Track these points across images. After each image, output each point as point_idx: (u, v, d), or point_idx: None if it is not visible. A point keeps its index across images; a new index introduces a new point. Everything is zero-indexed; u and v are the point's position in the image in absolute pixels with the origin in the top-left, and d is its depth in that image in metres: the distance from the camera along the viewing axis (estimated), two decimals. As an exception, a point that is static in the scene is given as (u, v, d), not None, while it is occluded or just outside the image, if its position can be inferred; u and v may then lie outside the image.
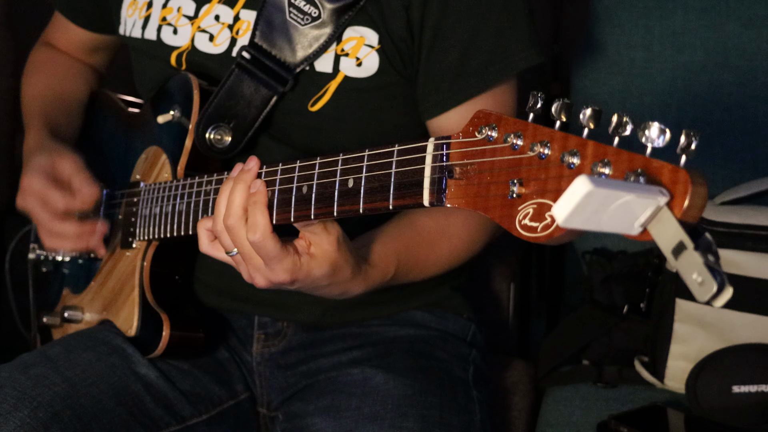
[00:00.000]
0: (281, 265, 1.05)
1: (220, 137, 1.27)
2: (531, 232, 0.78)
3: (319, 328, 1.42)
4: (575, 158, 0.75)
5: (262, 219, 1.03)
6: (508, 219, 0.80)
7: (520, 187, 0.80)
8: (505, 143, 0.82)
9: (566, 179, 0.76)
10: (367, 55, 1.25)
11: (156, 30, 1.35)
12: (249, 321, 1.42)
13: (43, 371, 1.26)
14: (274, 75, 1.26)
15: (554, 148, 0.78)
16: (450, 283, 1.49)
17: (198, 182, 1.21)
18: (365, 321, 1.42)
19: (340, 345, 1.40)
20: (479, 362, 1.46)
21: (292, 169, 1.04)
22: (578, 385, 1.60)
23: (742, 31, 1.70)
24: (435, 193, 0.88)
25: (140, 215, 1.33)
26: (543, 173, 0.78)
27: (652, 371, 1.56)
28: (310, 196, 1.01)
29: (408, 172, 0.91)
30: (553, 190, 0.77)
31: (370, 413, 1.26)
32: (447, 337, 1.44)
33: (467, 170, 0.85)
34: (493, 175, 0.83)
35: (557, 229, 0.76)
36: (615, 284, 1.63)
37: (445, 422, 1.27)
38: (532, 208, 0.78)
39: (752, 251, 1.47)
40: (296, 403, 1.34)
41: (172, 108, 1.32)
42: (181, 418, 1.32)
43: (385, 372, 1.32)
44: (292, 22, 1.25)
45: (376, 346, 1.39)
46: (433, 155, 0.89)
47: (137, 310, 1.32)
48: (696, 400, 1.45)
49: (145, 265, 1.32)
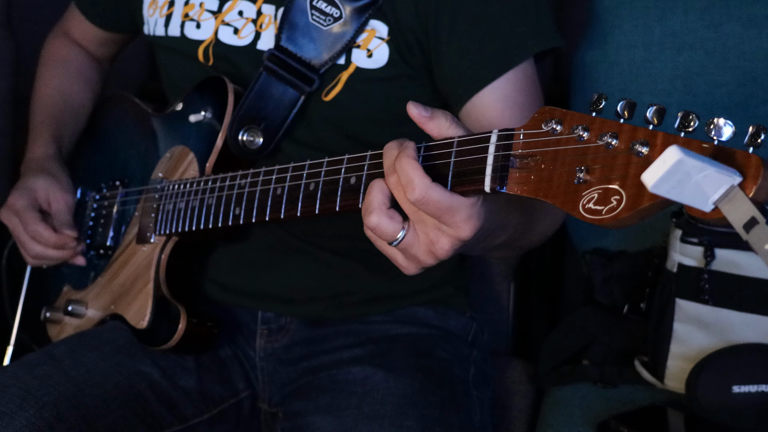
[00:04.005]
0: (459, 214, 0.93)
1: (252, 139, 1.30)
2: (595, 215, 0.82)
3: (322, 324, 1.42)
4: (644, 147, 0.80)
5: (415, 172, 0.92)
6: (572, 204, 0.84)
7: (586, 174, 0.84)
8: (571, 134, 0.85)
9: (634, 166, 0.80)
10: (377, 46, 1.28)
11: (179, 26, 1.38)
12: (253, 316, 1.44)
13: (48, 371, 1.27)
14: (301, 76, 1.30)
15: (622, 139, 0.82)
16: (453, 282, 1.49)
17: (231, 176, 1.24)
18: (368, 316, 1.43)
19: (342, 341, 1.41)
20: (480, 363, 1.46)
21: (340, 161, 1.06)
22: (578, 385, 1.60)
23: (742, 31, 1.69)
24: (497, 179, 0.90)
25: (162, 210, 1.35)
26: (610, 161, 0.82)
27: (652, 371, 1.56)
28: (358, 187, 1.04)
29: (468, 161, 0.93)
30: (621, 176, 0.81)
31: (370, 412, 1.26)
32: (448, 336, 1.45)
33: (530, 160, 0.88)
34: (557, 164, 0.86)
35: (624, 210, 0.80)
36: (615, 284, 1.64)
37: (445, 421, 1.28)
38: (597, 193, 0.82)
39: (752, 251, 1.47)
40: (296, 402, 1.35)
41: (204, 109, 1.35)
42: (183, 418, 1.33)
43: (385, 371, 1.32)
44: (315, 24, 1.29)
45: (377, 343, 1.40)
46: (496, 145, 0.91)
47: (151, 303, 1.34)
48: (696, 400, 1.45)
49: (163, 257, 1.35)
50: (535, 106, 1.29)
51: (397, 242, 0.96)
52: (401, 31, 1.28)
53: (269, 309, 1.43)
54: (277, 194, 1.14)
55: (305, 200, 1.09)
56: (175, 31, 1.39)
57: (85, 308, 1.47)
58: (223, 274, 1.43)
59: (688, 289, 1.50)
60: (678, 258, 1.51)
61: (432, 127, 0.96)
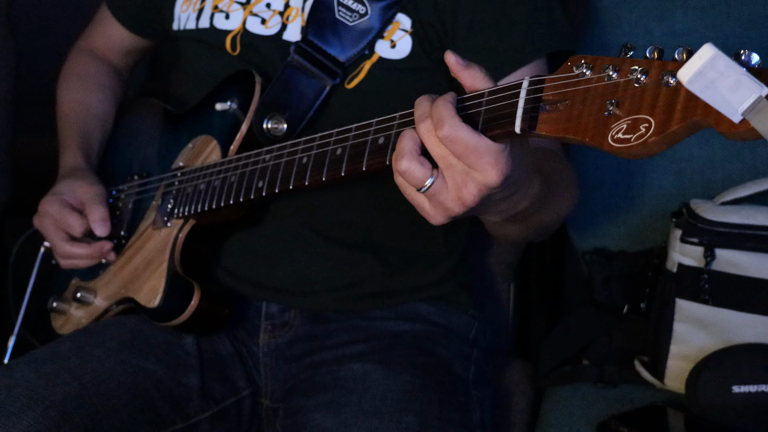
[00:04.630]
0: (486, 157, 0.93)
1: (277, 126, 1.33)
2: (624, 143, 0.84)
3: (325, 320, 1.43)
4: (673, 78, 0.81)
5: (447, 111, 0.94)
6: (600, 137, 0.85)
7: (615, 107, 0.85)
8: (601, 74, 0.87)
9: (663, 96, 0.82)
10: (401, 38, 1.33)
11: (209, 18, 1.42)
12: (257, 311, 1.45)
13: (54, 370, 1.28)
14: (326, 69, 1.33)
15: (652, 74, 0.84)
16: (455, 279, 1.50)
17: (255, 153, 1.26)
18: (371, 311, 1.44)
19: (344, 337, 1.42)
20: (480, 362, 1.47)
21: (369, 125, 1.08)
22: (578, 385, 1.60)
23: (742, 31, 1.69)
24: (527, 120, 0.91)
25: (182, 194, 1.38)
26: (639, 94, 0.84)
27: (652, 371, 1.56)
28: (386, 145, 1.05)
29: (499, 107, 0.94)
30: (650, 106, 0.83)
31: (369, 408, 1.27)
32: (450, 335, 1.45)
33: (560, 105, 0.90)
34: (587, 103, 0.88)
35: (653, 134, 0.82)
36: (615, 284, 1.64)
37: (444, 418, 1.28)
38: (626, 124, 0.84)
39: (752, 251, 1.47)
40: (297, 399, 1.35)
41: (230, 99, 1.38)
42: (186, 416, 1.34)
43: (385, 367, 1.33)
44: (341, 20, 1.33)
45: (379, 339, 1.40)
46: (527, 90, 0.92)
47: (164, 281, 1.35)
48: (696, 400, 1.45)
49: (180, 236, 1.36)
50: None
51: (425, 188, 0.97)
52: (422, 25, 1.32)
53: (274, 300, 1.44)
54: (303, 163, 1.16)
55: (331, 165, 1.11)
56: (205, 23, 1.43)
57: (93, 296, 1.48)
58: (231, 262, 1.44)
59: (688, 289, 1.50)
60: (678, 258, 1.51)
61: (466, 77, 0.98)
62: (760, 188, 1.57)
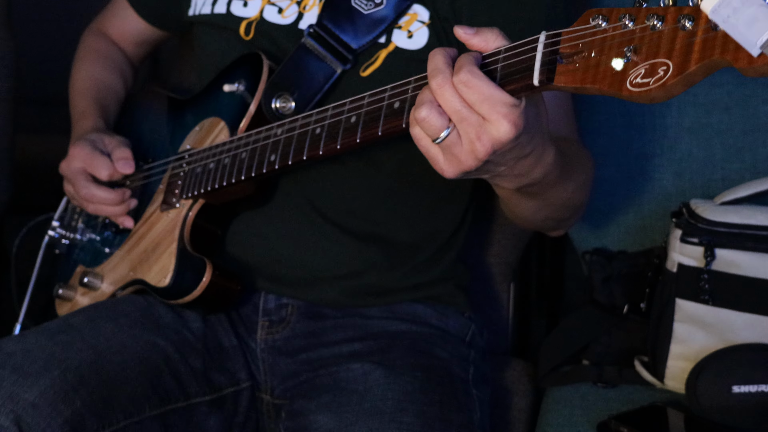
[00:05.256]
0: (499, 107, 0.95)
1: (285, 104, 1.33)
2: (643, 87, 0.85)
3: (322, 317, 1.43)
4: (690, 22, 0.82)
5: (467, 58, 0.97)
6: (618, 84, 0.86)
7: (633, 54, 0.86)
8: (618, 23, 0.88)
9: (680, 39, 0.83)
10: (418, 29, 1.34)
11: (226, 4, 1.43)
12: (254, 307, 1.45)
13: (69, 338, 1.29)
14: (338, 54, 1.34)
15: (668, 19, 0.84)
16: (454, 280, 1.50)
17: (267, 128, 1.26)
18: (367, 308, 1.44)
19: (341, 335, 1.42)
20: (479, 363, 1.47)
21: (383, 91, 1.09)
22: (578, 385, 1.60)
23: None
24: (545, 72, 0.93)
25: (192, 174, 1.38)
26: (656, 39, 0.85)
27: (652, 371, 1.56)
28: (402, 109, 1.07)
29: (517, 62, 0.96)
30: (667, 49, 0.83)
31: (370, 408, 1.27)
32: (447, 336, 1.45)
33: (577, 57, 0.91)
34: (604, 51, 0.88)
35: (672, 76, 0.82)
36: (615, 284, 1.64)
37: (445, 418, 1.28)
38: (645, 69, 0.85)
39: (752, 251, 1.47)
40: (299, 401, 1.35)
41: (238, 81, 1.38)
42: (187, 395, 1.35)
43: (385, 368, 1.33)
44: (356, 8, 1.33)
45: (377, 339, 1.40)
46: (544, 44, 0.94)
47: (174, 260, 1.36)
48: (696, 400, 1.45)
49: (190, 215, 1.37)
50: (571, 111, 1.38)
51: (440, 140, 0.98)
52: (439, 18, 1.33)
53: (272, 289, 1.44)
54: (316, 134, 1.17)
55: (345, 133, 1.12)
56: (222, 8, 1.43)
57: (100, 281, 1.48)
58: (233, 248, 1.45)
59: (688, 289, 1.50)
60: (678, 258, 1.51)
61: (478, 42, 1.00)
62: (760, 188, 1.57)
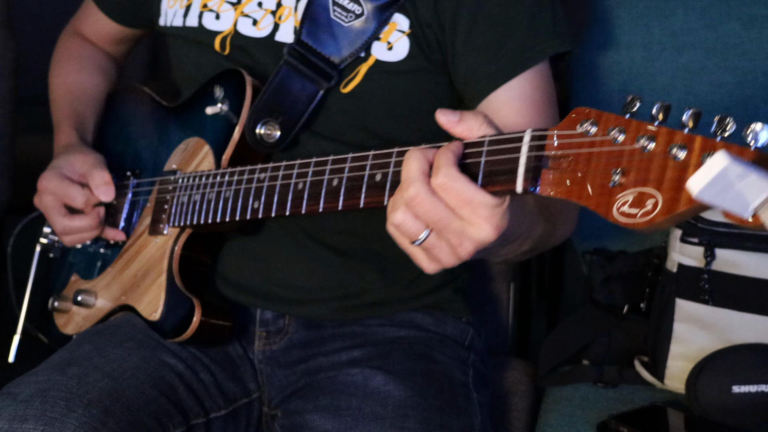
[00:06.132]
0: (481, 210, 0.92)
1: (270, 132, 1.30)
2: (630, 218, 0.81)
3: (320, 327, 1.42)
4: (682, 152, 0.79)
5: (445, 157, 0.92)
6: (605, 206, 0.83)
7: (621, 176, 0.82)
8: (606, 136, 0.84)
9: (671, 170, 0.79)
10: (398, 39, 1.29)
11: (197, 17, 1.38)
12: (251, 318, 1.43)
13: (82, 370, 1.26)
14: (320, 71, 1.29)
15: (659, 142, 0.81)
16: (452, 284, 1.49)
17: (250, 170, 1.23)
18: (367, 319, 1.42)
19: (339, 344, 1.40)
20: (478, 365, 1.46)
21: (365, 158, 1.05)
22: (578, 385, 1.60)
23: (742, 31, 1.69)
24: (530, 180, 0.89)
25: (177, 202, 1.35)
26: (646, 164, 0.81)
27: (652, 371, 1.56)
28: (384, 183, 1.03)
29: (500, 161, 0.92)
30: (657, 179, 0.80)
31: (370, 413, 1.26)
32: (445, 340, 1.44)
33: (563, 161, 0.87)
34: (592, 165, 0.85)
35: (660, 214, 0.79)
36: (615, 284, 1.63)
37: (446, 424, 1.27)
38: (632, 196, 0.81)
39: (752, 251, 1.47)
40: (295, 401, 1.35)
41: (221, 101, 1.34)
42: (205, 411, 1.33)
43: (385, 373, 1.32)
44: (336, 20, 1.29)
45: (376, 345, 1.39)
46: (529, 145, 0.90)
47: (164, 295, 1.33)
48: (696, 400, 1.45)
49: (176, 249, 1.34)
50: (551, 105, 1.31)
51: (419, 242, 0.96)
52: (420, 26, 1.28)
53: (269, 307, 1.42)
54: (299, 189, 1.14)
55: (328, 196, 1.09)
56: (193, 22, 1.39)
57: (94, 298, 1.46)
58: (227, 267, 1.43)
59: (688, 289, 1.50)
60: (678, 258, 1.51)
61: (462, 131, 0.96)
62: (760, 188, 1.57)
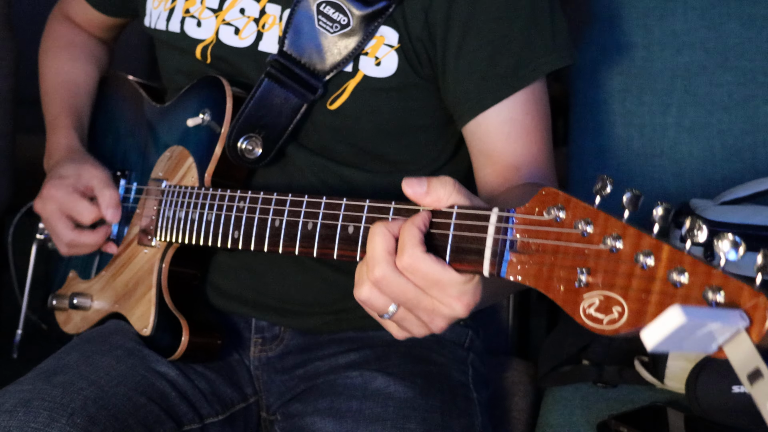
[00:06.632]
0: (450, 289, 0.91)
1: (252, 148, 1.27)
2: (596, 323, 0.80)
3: (317, 332, 1.42)
4: (650, 259, 0.77)
5: (409, 237, 0.90)
6: (572, 305, 0.81)
7: (588, 276, 0.80)
8: (574, 229, 0.82)
9: (637, 279, 0.78)
10: (386, 54, 1.24)
11: (180, 22, 1.35)
12: (246, 324, 1.42)
13: (68, 378, 1.24)
14: (304, 83, 1.25)
15: (627, 243, 0.79)
16: None
17: (230, 196, 1.20)
18: (364, 329, 1.41)
19: (336, 348, 1.39)
20: (477, 365, 1.46)
21: (338, 206, 1.03)
22: (578, 385, 1.60)
23: (742, 31, 1.69)
24: (496, 264, 0.87)
25: (163, 216, 1.32)
26: (613, 267, 0.79)
27: (652, 371, 1.55)
28: (356, 237, 1.01)
29: (468, 238, 0.90)
30: (623, 286, 0.78)
31: (371, 415, 1.25)
32: (444, 342, 1.44)
33: (531, 248, 0.85)
34: (559, 259, 0.83)
35: (626, 325, 0.78)
36: (615, 284, 1.63)
37: (447, 425, 1.27)
38: (599, 300, 0.80)
39: (752, 251, 1.47)
40: (295, 405, 1.34)
41: (203, 111, 1.31)
42: (200, 417, 1.32)
43: (384, 375, 1.31)
44: (321, 30, 1.24)
45: (373, 348, 1.38)
46: (495, 226, 0.88)
47: (153, 311, 1.32)
48: (696, 400, 1.45)
49: (164, 267, 1.32)
50: (542, 128, 1.26)
51: (388, 315, 0.95)
52: (410, 40, 1.24)
53: (264, 318, 1.41)
54: (275, 226, 1.12)
55: (303, 240, 1.07)
56: (175, 27, 1.35)
57: (90, 301, 1.45)
58: (221, 278, 1.41)
59: (688, 289, 1.50)
60: (678, 258, 1.51)
61: (430, 202, 0.93)
62: (760, 188, 1.57)
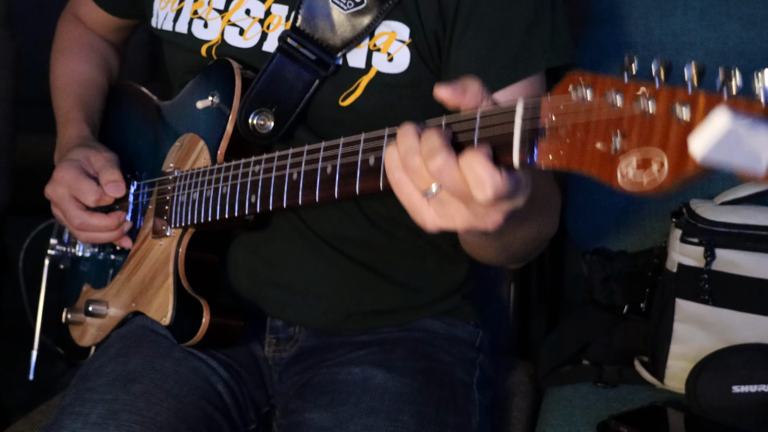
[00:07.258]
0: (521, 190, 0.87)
1: (263, 122, 1.27)
2: (636, 186, 0.76)
3: (331, 334, 1.41)
4: (686, 111, 0.73)
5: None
6: (609, 173, 0.78)
7: (622, 140, 0.77)
8: (603, 101, 0.79)
9: (675, 132, 0.74)
10: (398, 50, 1.25)
11: (187, 23, 1.36)
12: (261, 325, 1.42)
13: (146, 388, 1.24)
14: (317, 59, 1.25)
15: (660, 102, 0.75)
16: (462, 290, 1.48)
17: (244, 163, 1.21)
18: (377, 329, 1.41)
19: (348, 348, 1.40)
20: (485, 366, 1.46)
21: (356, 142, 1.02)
22: (578, 385, 1.60)
23: (742, 31, 1.69)
24: (526, 152, 0.85)
25: (176, 202, 1.32)
26: (648, 127, 0.75)
27: (652, 371, 1.56)
28: (378, 167, 0.99)
29: (494, 135, 0.88)
30: (662, 139, 0.74)
31: (366, 407, 1.26)
32: (454, 341, 1.44)
33: (560, 130, 0.82)
34: (590, 132, 0.79)
35: (668, 178, 0.74)
36: (615, 284, 1.64)
37: (441, 420, 1.27)
38: (636, 158, 0.76)
39: (752, 251, 1.47)
40: (295, 401, 1.35)
41: (211, 94, 1.32)
42: (244, 422, 1.33)
43: (385, 371, 1.32)
44: (335, 6, 1.25)
45: (381, 345, 1.39)
46: (522, 116, 0.86)
47: (172, 298, 1.31)
48: (696, 400, 1.45)
49: (180, 251, 1.32)
50: None
51: (431, 193, 0.89)
52: (424, 32, 1.24)
53: (279, 316, 1.41)
54: (293, 179, 1.11)
55: (323, 184, 1.06)
56: (183, 28, 1.36)
57: (106, 307, 1.44)
58: (234, 277, 1.41)
59: (688, 289, 1.50)
60: (678, 258, 1.51)
61: (469, 100, 0.91)
62: (760, 188, 1.57)
